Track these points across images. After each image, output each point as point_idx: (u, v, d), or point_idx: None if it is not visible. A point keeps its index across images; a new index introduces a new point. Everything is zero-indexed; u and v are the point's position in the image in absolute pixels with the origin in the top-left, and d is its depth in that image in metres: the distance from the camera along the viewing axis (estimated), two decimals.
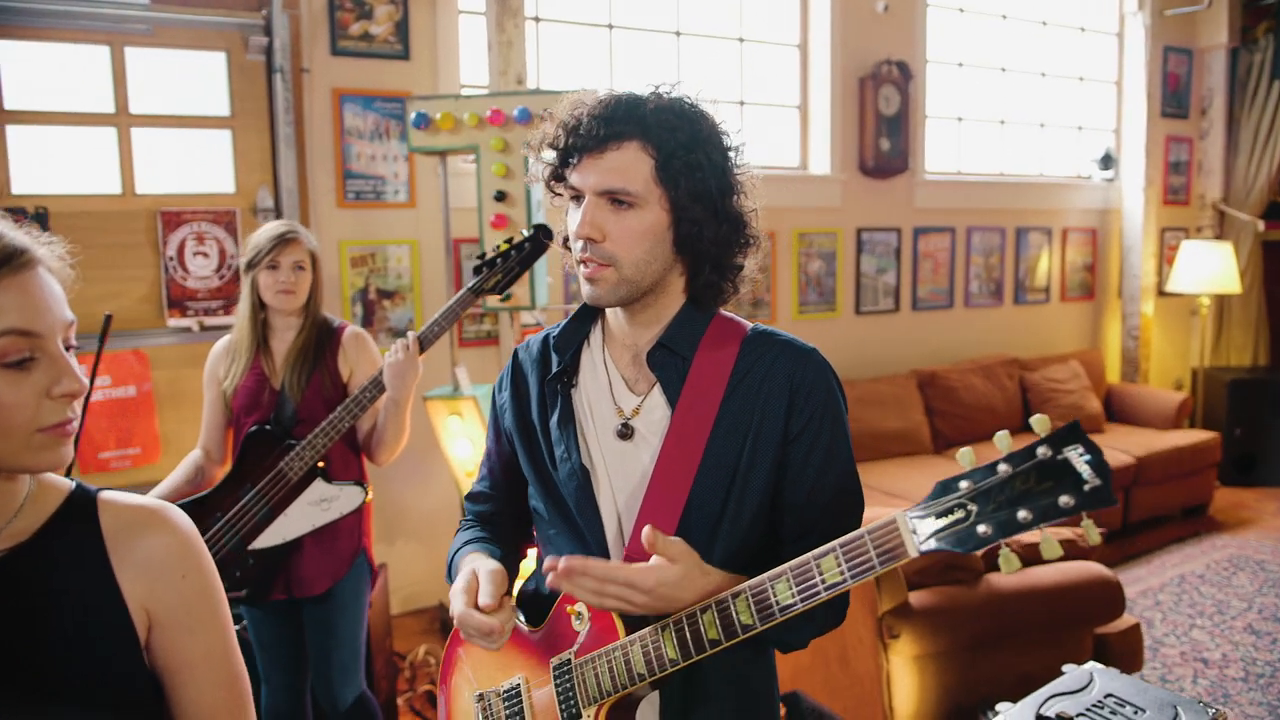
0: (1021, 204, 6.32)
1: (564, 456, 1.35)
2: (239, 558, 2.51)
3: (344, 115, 4.19)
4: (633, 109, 1.25)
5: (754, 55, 5.42)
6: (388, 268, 4.37)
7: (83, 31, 3.66)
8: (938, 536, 0.97)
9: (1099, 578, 2.93)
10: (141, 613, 1.09)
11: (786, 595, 1.09)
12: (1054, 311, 6.58)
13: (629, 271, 1.27)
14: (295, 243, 2.52)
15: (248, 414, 2.55)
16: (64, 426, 1.03)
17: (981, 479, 0.96)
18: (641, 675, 1.19)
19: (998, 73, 6.30)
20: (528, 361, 1.47)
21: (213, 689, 1.15)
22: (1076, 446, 0.91)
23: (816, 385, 1.31)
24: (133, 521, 1.11)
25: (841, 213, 5.59)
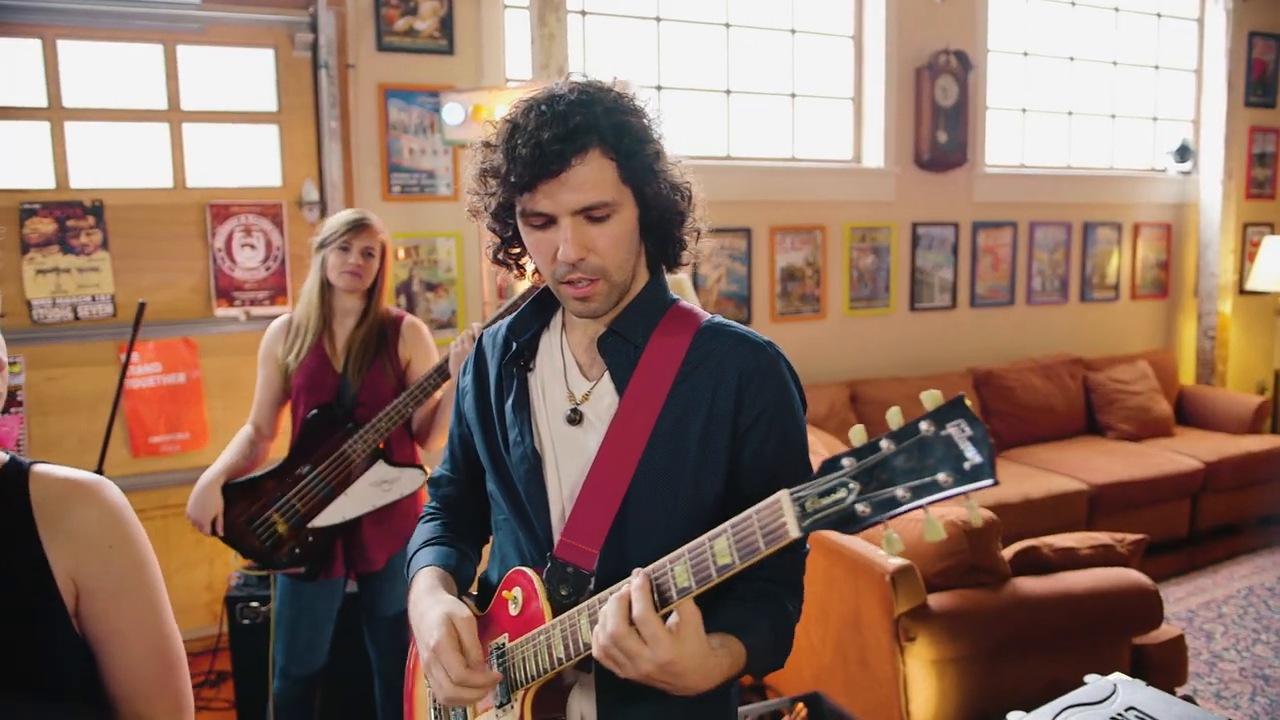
0: (1089, 198, 6.09)
1: (517, 440, 1.34)
2: (299, 534, 2.59)
3: (389, 110, 4.25)
4: (585, 118, 1.18)
5: (806, 46, 5.33)
6: (435, 260, 4.42)
7: (138, 31, 3.79)
8: (818, 517, 0.93)
9: (1136, 586, 2.80)
10: (69, 582, 1.11)
11: (684, 578, 1.06)
12: (1123, 310, 6.33)
13: (618, 277, 1.26)
14: (368, 230, 2.63)
15: (308, 393, 2.64)
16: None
17: (864, 456, 0.91)
18: (560, 659, 1.17)
19: (1065, 62, 6.08)
20: (490, 346, 1.46)
21: (143, 658, 1.17)
22: (959, 422, 0.86)
23: (768, 379, 1.27)
24: (61, 493, 1.13)
25: (895, 207, 5.47)
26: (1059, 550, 2.87)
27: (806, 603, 1.31)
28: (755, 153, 5.24)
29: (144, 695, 1.17)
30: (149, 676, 1.17)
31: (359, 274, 2.61)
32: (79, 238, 3.74)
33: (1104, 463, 5.00)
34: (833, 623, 2.93)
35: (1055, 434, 5.51)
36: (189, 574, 3.97)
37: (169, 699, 1.20)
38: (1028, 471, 4.92)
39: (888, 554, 0.96)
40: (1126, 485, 4.79)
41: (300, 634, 2.69)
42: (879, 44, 5.31)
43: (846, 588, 2.82)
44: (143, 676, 1.17)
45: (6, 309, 3.69)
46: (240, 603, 3.06)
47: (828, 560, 2.90)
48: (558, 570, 1.25)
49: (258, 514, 2.59)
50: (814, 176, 5.29)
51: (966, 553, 2.69)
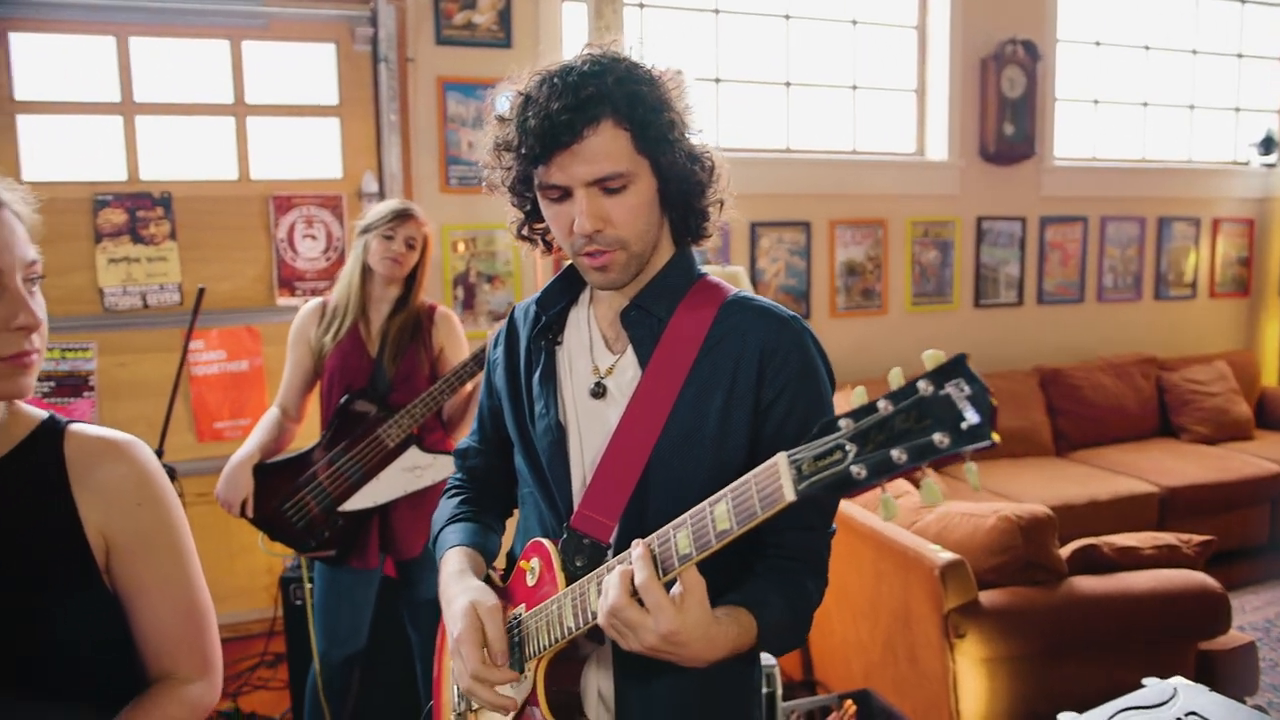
0: (1165, 192, 5.88)
1: (542, 413, 1.34)
2: (329, 518, 2.63)
3: (447, 102, 4.29)
4: (598, 88, 1.17)
5: (868, 37, 5.24)
6: (494, 252, 4.46)
7: (205, 28, 3.90)
8: (814, 480, 0.90)
9: (1200, 588, 2.68)
10: (99, 537, 1.15)
11: (685, 544, 1.03)
12: (1200, 308, 6.09)
13: (636, 248, 1.24)
14: (413, 220, 2.67)
15: (342, 376, 2.68)
16: (22, 358, 1.09)
17: (862, 417, 0.87)
18: (570, 628, 1.15)
19: (1140, 52, 5.88)
20: (521, 320, 1.46)
21: (170, 615, 1.20)
22: (958, 380, 0.81)
23: (790, 353, 1.25)
24: (94, 450, 1.17)
25: (960, 200, 5.35)
26: (1120, 549, 2.76)
27: (855, 597, 1.28)
28: (815, 146, 5.18)
29: (170, 651, 1.20)
30: (176, 633, 1.20)
31: (400, 262, 2.65)
32: (148, 228, 3.86)
33: (1177, 465, 4.82)
34: (882, 618, 2.86)
35: (1126, 435, 5.32)
36: (248, 558, 4.06)
37: (196, 655, 1.22)
38: (1095, 473, 4.77)
39: (883, 518, 0.92)
40: (1201, 489, 4.61)
41: (341, 619, 2.73)
42: (943, 34, 5.20)
43: (896, 582, 2.76)
44: (170, 633, 1.20)
45: (81, 297, 3.83)
46: (294, 583, 3.12)
47: (877, 554, 2.84)
48: (574, 541, 1.24)
49: (288, 496, 2.63)
50: (875, 169, 5.20)
51: (1020, 549, 2.61)
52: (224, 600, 4.04)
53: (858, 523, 2.93)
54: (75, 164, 3.81)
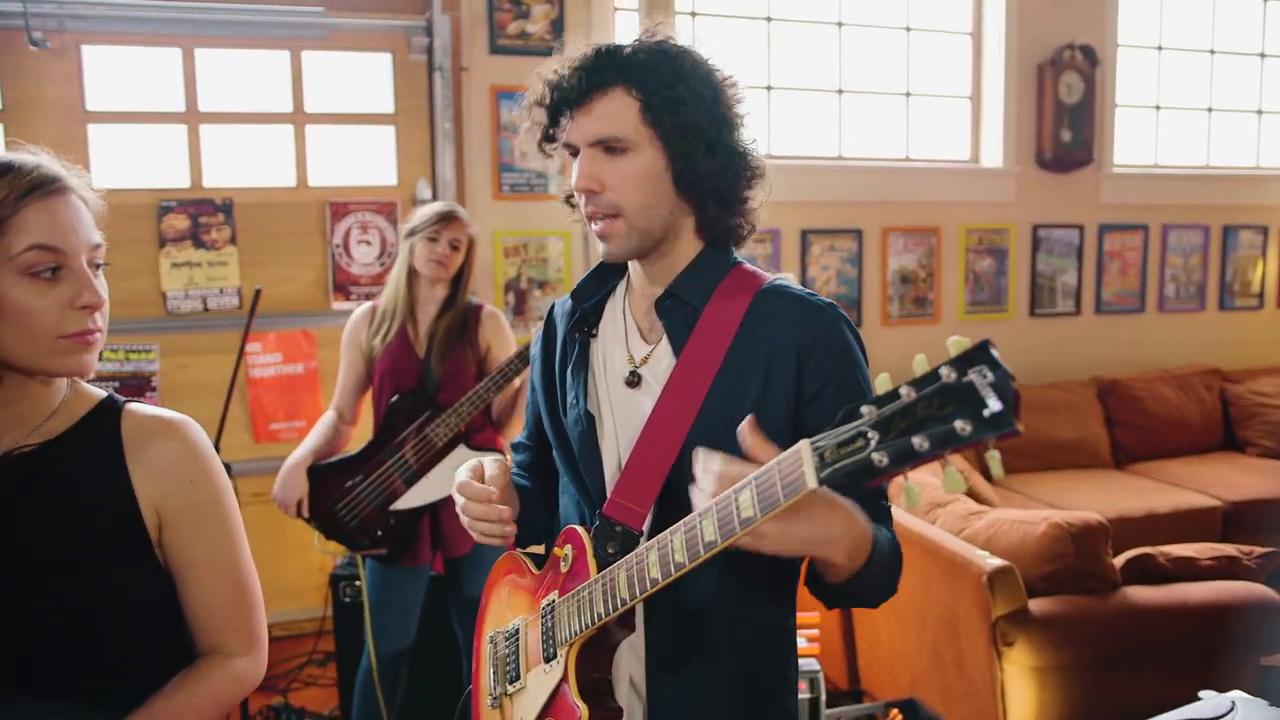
0: (1231, 199, 5.73)
1: (573, 403, 1.36)
2: (381, 516, 2.68)
3: (500, 111, 4.35)
4: (613, 56, 1.24)
5: (922, 44, 5.20)
6: (545, 259, 4.50)
7: (267, 39, 4.01)
8: (837, 467, 0.89)
9: (1261, 599, 2.60)
10: (152, 511, 1.19)
11: (710, 532, 1.03)
12: (1268, 319, 5.92)
13: (636, 219, 1.26)
14: (457, 222, 2.72)
15: (392, 377, 2.73)
16: (85, 335, 1.14)
17: (884, 404, 0.86)
18: (600, 614, 1.16)
19: (1205, 56, 5.75)
20: (560, 314, 1.48)
21: (218, 591, 1.24)
22: (981, 368, 0.80)
23: (830, 344, 1.25)
24: (149, 428, 1.21)
25: (1015, 208, 5.27)
26: (1176, 559, 2.69)
27: (902, 604, 1.24)
28: (867, 153, 5.15)
29: (219, 626, 1.24)
30: (224, 608, 1.24)
31: (445, 264, 2.69)
32: (210, 233, 3.97)
33: (1241, 479, 4.68)
34: (929, 626, 2.83)
35: (1188, 448, 5.18)
36: (303, 556, 4.14)
37: (243, 630, 1.26)
38: (1154, 485, 4.65)
39: (905, 508, 0.91)
40: (1267, 503, 4.47)
41: (391, 617, 2.77)
42: (998, 40, 5.14)
43: (943, 588, 2.72)
44: (218, 608, 1.23)
45: (145, 299, 3.95)
46: (344, 581, 3.18)
47: (924, 560, 2.80)
48: (606, 528, 1.25)
49: (342, 496, 2.68)
50: (928, 177, 5.15)
51: (1072, 556, 2.56)
52: (277, 599, 4.12)
53: (905, 528, 2.89)
54: (141, 171, 3.94)
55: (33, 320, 1.09)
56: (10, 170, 1.10)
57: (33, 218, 1.09)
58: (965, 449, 0.83)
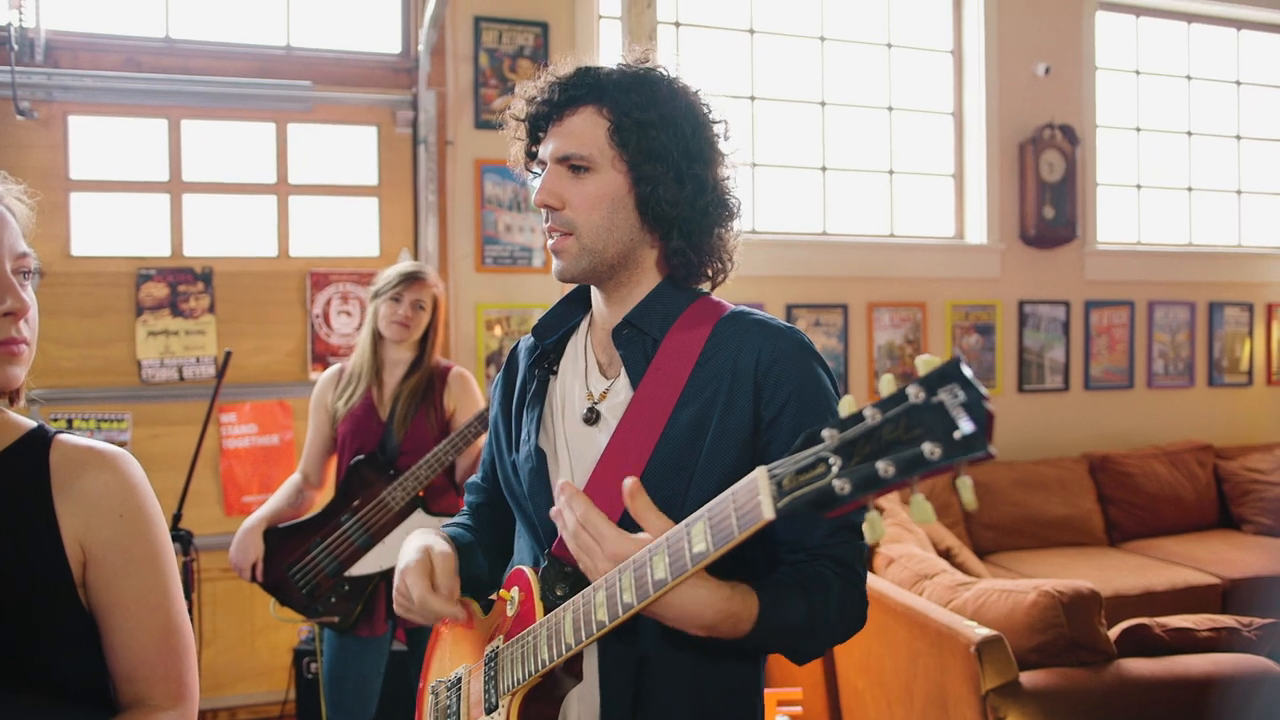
0: (1214, 276, 5.75)
1: (525, 438, 1.31)
2: (335, 583, 2.58)
3: (484, 185, 4.37)
4: (589, 75, 1.24)
5: (904, 123, 5.28)
6: (526, 330, 4.46)
7: (253, 110, 4.04)
8: (795, 496, 0.82)
9: (1263, 671, 2.49)
10: (76, 547, 1.10)
11: (661, 569, 0.95)
12: (1258, 396, 5.88)
13: (589, 239, 1.23)
14: (420, 283, 2.68)
15: (353, 440, 2.66)
16: (10, 345, 1.08)
17: (847, 428, 0.80)
18: (544, 661, 1.08)
19: (1183, 137, 5.84)
20: (523, 351, 1.44)
21: (146, 634, 1.14)
22: (952, 386, 0.75)
23: (789, 368, 1.19)
24: (79, 459, 1.13)
25: (1001, 284, 5.27)
26: (1173, 630, 2.59)
27: (889, 678, 1.15)
28: (852, 229, 5.17)
29: (145, 676, 1.14)
30: (150, 656, 1.14)
31: (407, 325, 2.65)
32: (188, 302, 3.94)
33: (1239, 556, 4.57)
34: (917, 702, 2.70)
35: (1183, 526, 5.08)
36: (273, 635, 3.99)
37: (171, 683, 1.16)
38: (1150, 563, 4.54)
39: (868, 540, 0.84)
40: (1266, 581, 4.35)
41: (348, 691, 2.65)
42: (979, 119, 5.22)
43: (931, 662, 2.60)
44: (144, 656, 1.13)
45: (118, 368, 3.89)
46: (307, 657, 3.05)
47: (910, 633, 2.69)
48: (555, 569, 1.17)
49: (297, 560, 2.59)
50: (913, 253, 5.17)
51: (1064, 626, 2.45)
52: (244, 680, 3.96)
53: (891, 599, 2.79)
54: (121, 240, 3.93)
55: None
56: None
57: None
58: (935, 474, 0.76)
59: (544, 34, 4.44)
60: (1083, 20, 5.40)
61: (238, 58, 4.08)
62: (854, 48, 5.17)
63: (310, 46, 4.21)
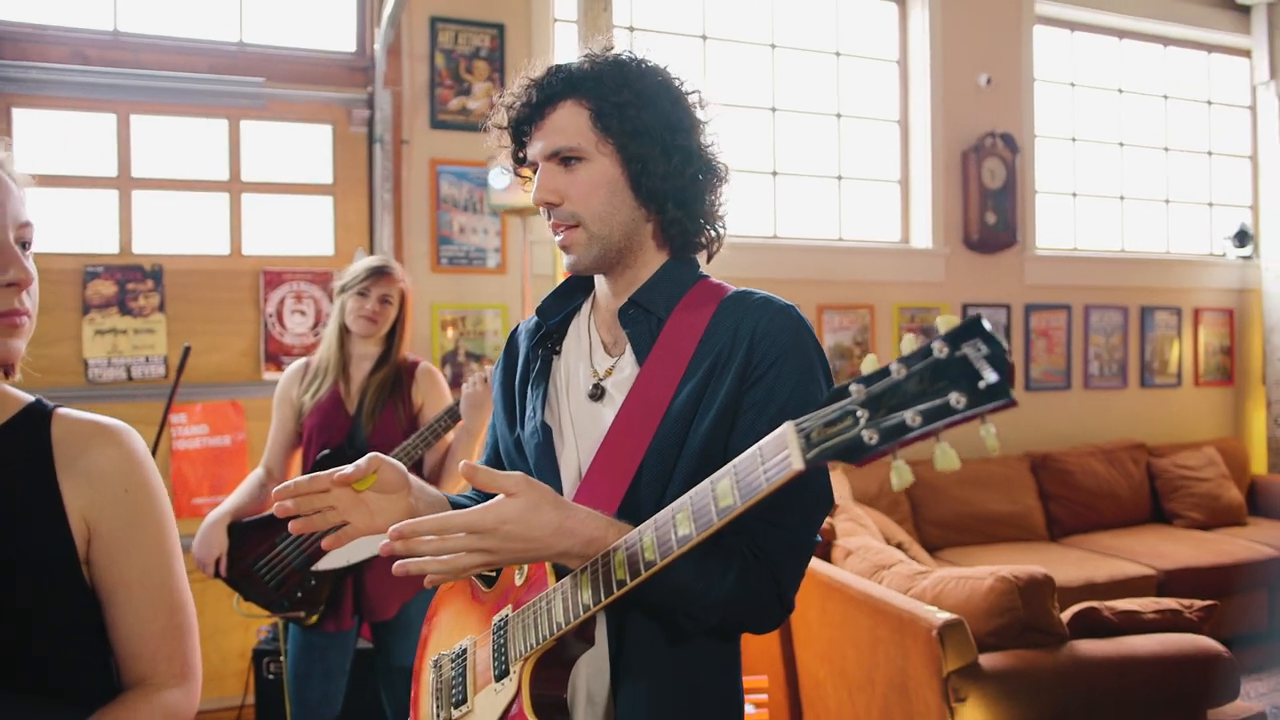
0: (1145, 282, 5.98)
1: (530, 415, 1.33)
2: (302, 577, 2.56)
3: (440, 184, 4.37)
4: (560, 71, 1.27)
5: (852, 130, 5.40)
6: (481, 332, 4.46)
7: (205, 106, 3.99)
8: (824, 447, 0.86)
9: (1206, 652, 2.60)
10: (81, 523, 1.09)
11: (685, 525, 0.99)
12: (1186, 396, 6.12)
13: (595, 227, 1.25)
14: (387, 277, 2.67)
15: (320, 434, 2.64)
16: (11, 316, 1.07)
17: (873, 382, 0.84)
18: (559, 624, 1.10)
19: (1115, 148, 6.07)
20: (523, 333, 1.46)
21: (150, 612, 1.13)
22: (975, 341, 0.79)
23: (779, 334, 1.22)
24: (82, 433, 1.12)
25: (945, 287, 5.42)
26: (1121, 613, 2.69)
27: (851, 668, 1.14)
28: (802, 233, 5.27)
29: (150, 655, 1.13)
30: (154, 634, 1.13)
31: (374, 319, 2.64)
32: (137, 300, 3.86)
33: (1172, 549, 4.75)
34: (878, 688, 2.76)
35: (1119, 521, 5.26)
36: (224, 639, 3.91)
37: (175, 661, 1.15)
38: (1090, 556, 4.69)
39: (895, 487, 0.88)
40: (1198, 571, 4.54)
41: (313, 686, 2.63)
42: (924, 127, 5.37)
43: (893, 648, 2.67)
44: (149, 633, 1.13)
45: (64, 367, 3.79)
46: (267, 656, 3.01)
47: (872, 621, 2.76)
48: None
49: (262, 555, 2.56)
50: (862, 256, 5.28)
51: (1020, 610, 2.54)
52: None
53: (852, 589, 2.85)
54: (67, 236, 3.84)
55: None
56: None
57: None
58: (960, 422, 0.80)
59: (500, 35, 4.46)
60: (1022, 34, 5.60)
61: (189, 53, 4.02)
62: (804, 55, 5.28)
63: (264, 43, 4.16)
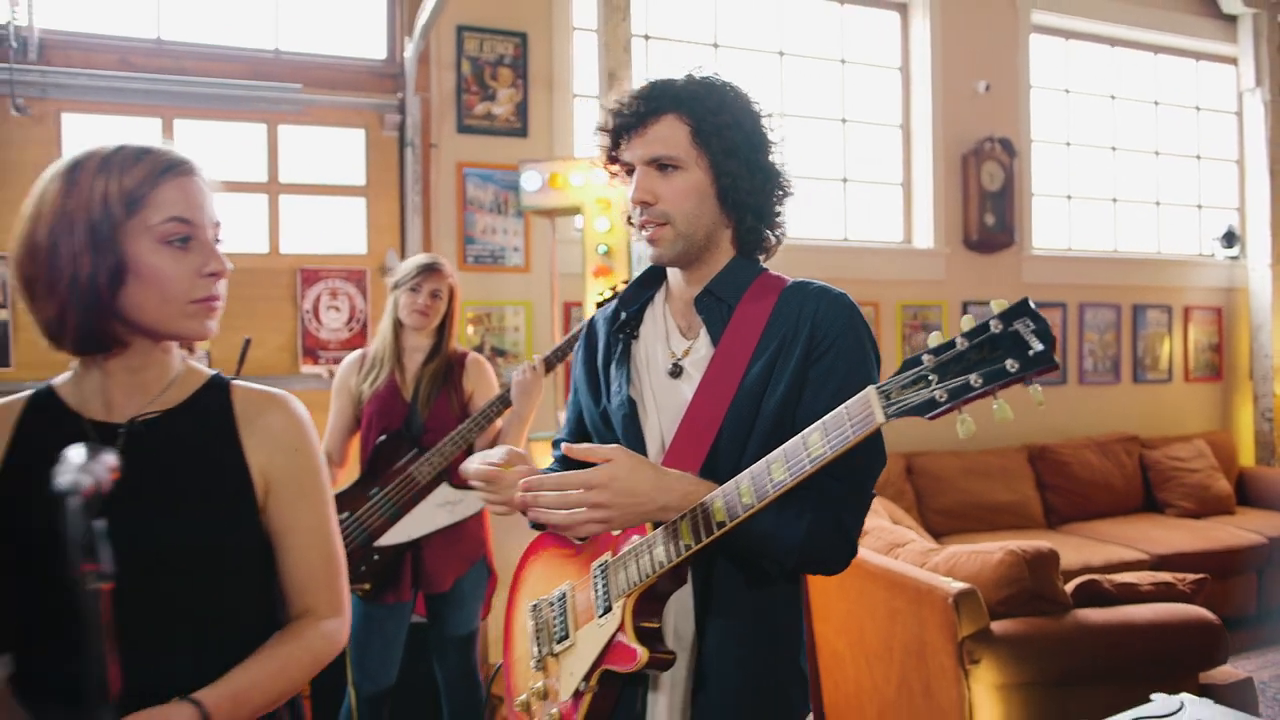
0: (1137, 281, 6.21)
1: (617, 390, 1.52)
2: (364, 553, 2.74)
3: (467, 186, 4.56)
4: (666, 87, 1.44)
5: (857, 134, 5.62)
6: (503, 328, 4.66)
7: (245, 112, 4.17)
8: (901, 404, 1.06)
9: (1198, 619, 2.82)
10: (261, 477, 1.28)
11: (780, 472, 1.19)
12: (1177, 391, 6.36)
13: (682, 227, 1.44)
14: (438, 273, 2.86)
15: (379, 419, 2.83)
16: (210, 301, 1.25)
17: (942, 353, 1.05)
18: (661, 563, 1.29)
19: (1108, 152, 6.30)
20: (600, 320, 1.65)
21: (314, 554, 1.32)
22: (1025, 319, 0.99)
23: (836, 317, 1.42)
24: (259, 401, 1.32)
25: (946, 285, 5.64)
26: (1120, 585, 2.90)
27: (870, 639, 1.30)
28: (809, 234, 5.48)
29: (313, 589, 1.32)
30: (316, 573, 1.32)
31: (426, 313, 2.85)
32: None
33: (1164, 535, 4.98)
34: (896, 656, 2.97)
35: (1113, 510, 5.50)
36: None
37: (333, 595, 1.34)
38: (1086, 543, 4.91)
39: (961, 435, 1.08)
40: (1189, 556, 4.76)
41: (373, 655, 2.81)
42: (926, 132, 5.58)
43: (909, 618, 2.87)
44: (312, 572, 1.32)
45: None
46: None
47: (889, 593, 2.96)
48: None
49: None
50: (866, 256, 5.50)
51: (1027, 581, 2.75)
52: None
53: (871, 564, 3.06)
54: None
55: (168, 285, 1.20)
56: (149, 153, 1.23)
57: (169, 194, 1.21)
58: (1013, 383, 1.00)
59: (523, 43, 4.66)
60: (1019, 42, 5.82)
61: (228, 60, 4.21)
62: (810, 63, 5.50)
63: (299, 50, 4.35)
